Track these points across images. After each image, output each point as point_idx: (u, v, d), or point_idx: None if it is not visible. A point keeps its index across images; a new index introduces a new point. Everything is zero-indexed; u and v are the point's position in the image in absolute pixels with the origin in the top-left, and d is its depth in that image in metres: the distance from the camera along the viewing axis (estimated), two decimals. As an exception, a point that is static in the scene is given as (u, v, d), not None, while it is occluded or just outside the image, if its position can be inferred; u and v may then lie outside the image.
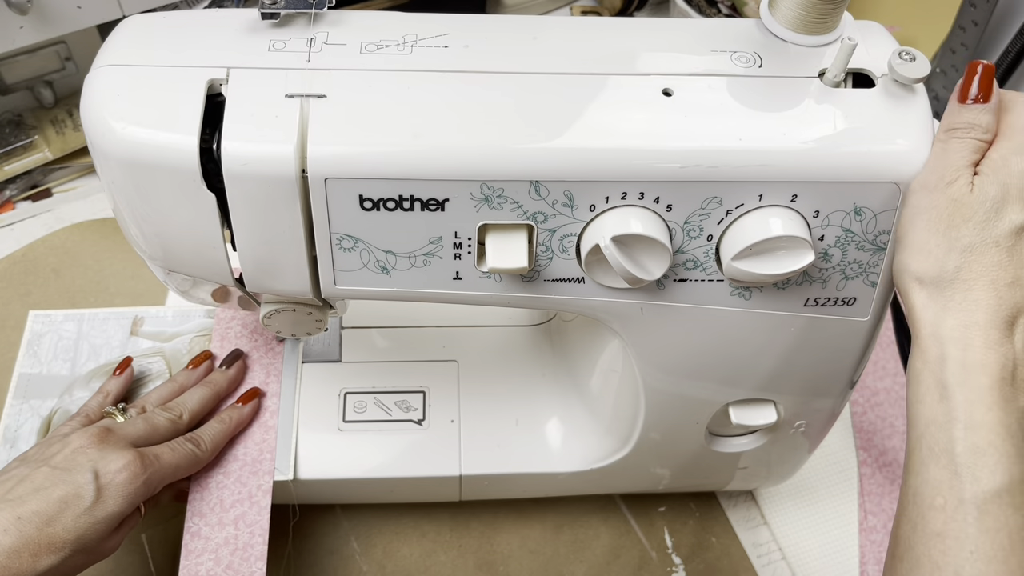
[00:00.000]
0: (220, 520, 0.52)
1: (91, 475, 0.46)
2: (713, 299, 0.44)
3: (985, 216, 0.36)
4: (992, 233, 0.36)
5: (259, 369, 0.59)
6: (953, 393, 0.35)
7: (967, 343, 0.36)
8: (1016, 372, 0.36)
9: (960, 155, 0.38)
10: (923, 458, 0.36)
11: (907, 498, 0.37)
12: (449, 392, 0.59)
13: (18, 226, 0.75)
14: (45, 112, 0.79)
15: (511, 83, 0.40)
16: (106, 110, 0.38)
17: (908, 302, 0.38)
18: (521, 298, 0.44)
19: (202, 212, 0.40)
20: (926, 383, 0.36)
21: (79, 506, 0.45)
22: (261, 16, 0.41)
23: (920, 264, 0.37)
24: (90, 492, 0.45)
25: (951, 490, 0.35)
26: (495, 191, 0.39)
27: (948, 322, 0.36)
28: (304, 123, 0.38)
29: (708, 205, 0.40)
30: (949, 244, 0.36)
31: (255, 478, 0.54)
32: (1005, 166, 0.37)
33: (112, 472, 0.46)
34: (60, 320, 0.68)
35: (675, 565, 0.62)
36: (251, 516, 0.53)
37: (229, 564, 0.51)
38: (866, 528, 0.63)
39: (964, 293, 0.36)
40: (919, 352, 0.37)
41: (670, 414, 0.52)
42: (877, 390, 0.70)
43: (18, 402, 0.64)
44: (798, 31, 0.42)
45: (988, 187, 0.36)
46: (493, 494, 0.61)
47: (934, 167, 0.38)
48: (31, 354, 0.66)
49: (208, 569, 0.51)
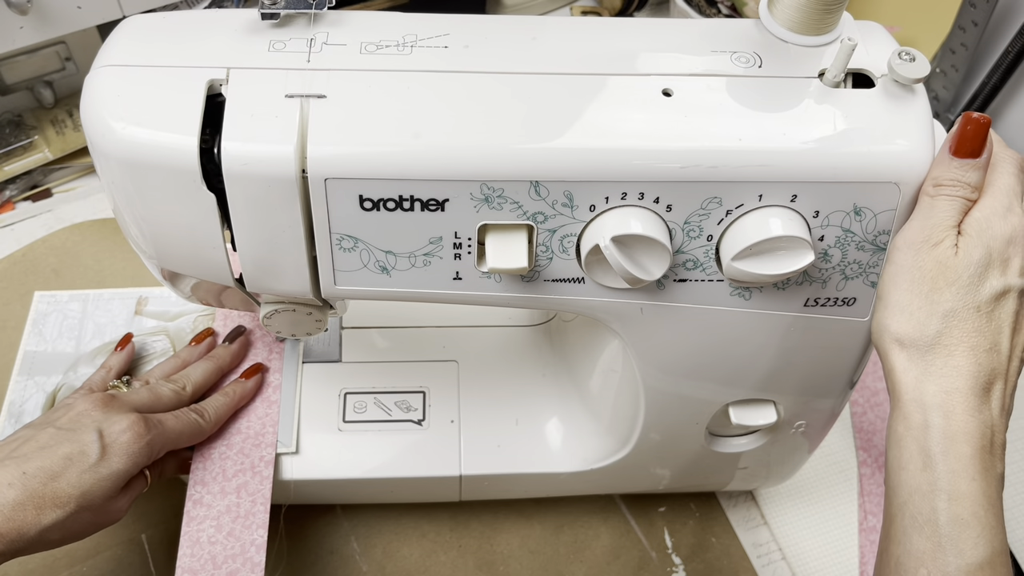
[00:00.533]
0: (223, 489, 0.53)
1: (96, 434, 0.47)
2: (713, 299, 0.44)
3: (969, 281, 0.36)
4: (974, 299, 0.36)
5: (262, 347, 0.60)
6: (936, 462, 0.35)
7: (949, 410, 0.36)
8: (994, 439, 0.36)
9: (947, 214, 0.37)
10: (905, 527, 0.36)
11: (888, 567, 0.37)
12: (449, 392, 0.59)
13: (18, 226, 0.75)
14: (45, 112, 0.79)
15: (511, 83, 0.40)
16: (106, 110, 0.38)
17: (888, 362, 0.38)
18: (521, 298, 0.44)
19: (202, 212, 0.40)
20: (909, 450, 0.36)
21: (84, 463, 0.46)
22: (261, 16, 0.41)
23: (901, 325, 0.37)
24: (95, 449, 0.46)
25: (934, 561, 0.35)
26: (495, 191, 0.39)
27: (930, 388, 0.36)
28: (304, 123, 0.38)
29: (708, 205, 0.40)
30: (931, 308, 0.36)
31: (258, 450, 0.55)
32: (988, 228, 0.37)
33: (116, 432, 0.47)
34: (65, 300, 0.69)
35: (675, 565, 0.62)
36: (253, 485, 0.53)
37: (231, 531, 0.52)
38: (866, 528, 0.63)
39: (945, 359, 0.36)
40: (901, 417, 0.37)
41: (670, 414, 0.52)
42: (877, 390, 0.70)
43: (23, 378, 0.65)
44: (798, 31, 0.42)
45: (973, 250, 0.36)
46: (493, 494, 0.61)
47: (921, 225, 0.38)
48: (36, 333, 0.67)
49: (209, 535, 0.52)
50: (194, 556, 0.51)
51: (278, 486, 0.57)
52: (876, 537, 0.63)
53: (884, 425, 0.68)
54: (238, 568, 0.50)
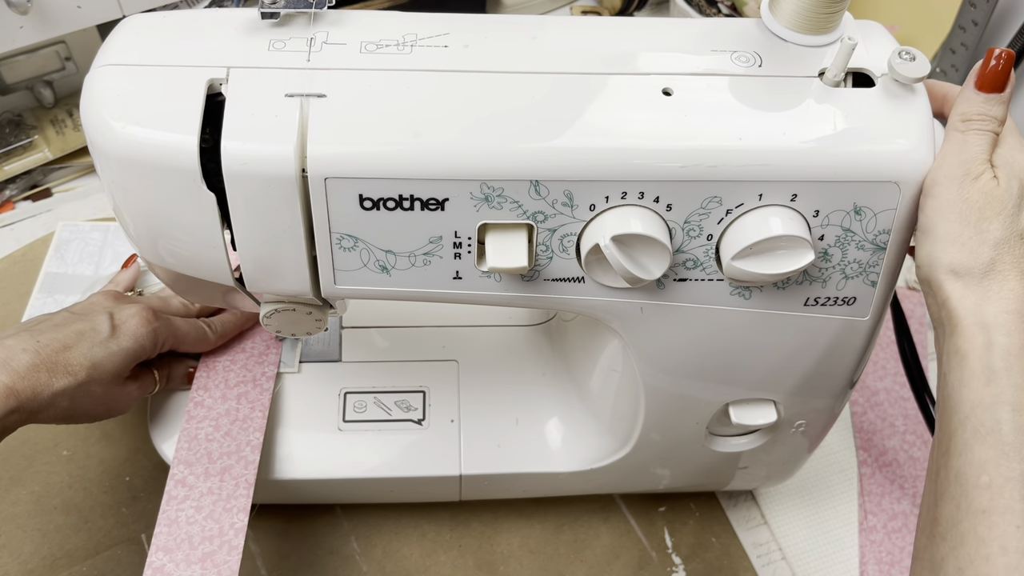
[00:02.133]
0: (224, 395, 0.55)
1: (107, 316, 0.51)
2: (713, 299, 0.44)
3: (1013, 210, 0.38)
4: (1018, 227, 0.38)
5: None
6: (1000, 377, 0.37)
7: (1010, 329, 0.37)
8: None
9: (980, 148, 0.39)
10: (967, 439, 0.37)
11: (948, 480, 0.38)
12: (449, 392, 0.59)
13: (18, 226, 0.75)
14: (45, 112, 0.79)
15: (511, 83, 0.40)
16: (106, 110, 0.38)
17: (942, 293, 0.39)
18: (521, 298, 0.44)
19: (202, 212, 0.40)
20: (971, 368, 0.37)
21: (95, 338, 0.49)
22: (261, 16, 0.41)
23: (955, 256, 0.38)
24: (105, 328, 0.50)
25: (997, 468, 0.36)
26: (495, 191, 0.39)
27: (990, 310, 0.37)
28: (304, 123, 0.38)
29: (708, 205, 0.40)
30: (982, 237, 0.38)
31: (260, 366, 0.58)
32: (1015, 163, 0.38)
33: (126, 316, 0.51)
34: (87, 230, 0.74)
35: (675, 565, 0.62)
36: (253, 395, 0.56)
37: (228, 431, 0.54)
38: (866, 528, 0.63)
39: (1001, 283, 0.38)
40: (963, 339, 0.38)
41: (670, 414, 0.52)
42: (877, 390, 0.70)
43: (43, 296, 0.70)
44: (798, 31, 0.42)
45: (1011, 182, 0.38)
46: (493, 494, 0.61)
47: (959, 160, 0.39)
48: (58, 256, 0.72)
49: (207, 433, 0.54)
50: (191, 450, 0.53)
51: (277, 486, 0.57)
52: (876, 537, 0.63)
53: (884, 425, 0.68)
54: (232, 464, 0.53)
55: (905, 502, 0.65)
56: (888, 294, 0.44)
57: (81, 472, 0.62)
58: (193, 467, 0.52)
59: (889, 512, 0.64)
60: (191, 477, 0.52)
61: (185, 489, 0.52)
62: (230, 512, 0.51)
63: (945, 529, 0.37)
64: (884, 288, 0.44)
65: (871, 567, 0.62)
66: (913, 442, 0.67)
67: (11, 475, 0.61)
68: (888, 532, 0.63)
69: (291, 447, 0.56)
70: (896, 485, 0.65)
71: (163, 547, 0.49)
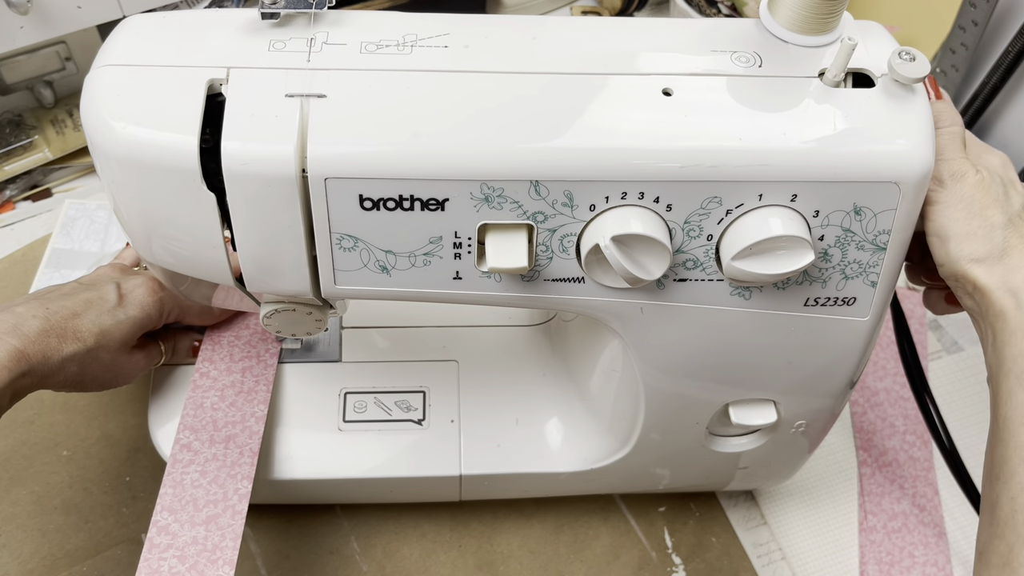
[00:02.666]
0: (229, 368, 0.56)
1: (114, 286, 0.52)
2: (713, 299, 0.44)
3: (1003, 197, 0.42)
4: (1011, 210, 0.42)
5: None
6: None
7: None
8: None
9: (955, 147, 0.42)
10: (1011, 387, 0.40)
11: (997, 425, 0.41)
12: (449, 392, 0.59)
13: (18, 226, 0.75)
14: (45, 112, 0.79)
15: (511, 83, 0.40)
16: (106, 110, 0.38)
17: (971, 281, 0.41)
18: (521, 298, 0.44)
19: (202, 212, 0.40)
20: (1010, 327, 0.40)
21: (103, 306, 0.50)
22: (261, 16, 0.41)
23: (976, 247, 0.41)
24: (113, 296, 0.51)
25: None
26: (495, 191, 0.39)
27: (1017, 278, 0.41)
28: (304, 123, 0.38)
29: (708, 205, 0.40)
30: (990, 224, 0.41)
31: (264, 344, 0.58)
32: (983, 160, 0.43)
33: (133, 286, 0.53)
34: (93, 208, 0.76)
35: (675, 565, 0.62)
36: (257, 369, 0.57)
37: (233, 402, 0.55)
38: (866, 528, 0.64)
39: (1018, 257, 0.41)
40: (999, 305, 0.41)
41: (670, 414, 0.52)
42: (877, 390, 0.70)
43: (50, 270, 0.71)
44: (798, 31, 0.42)
45: (992, 176, 0.42)
46: (493, 494, 0.61)
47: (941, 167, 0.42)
48: (65, 233, 0.74)
49: (212, 403, 0.55)
50: (196, 417, 0.54)
51: (278, 486, 0.57)
52: (876, 537, 0.63)
53: (884, 425, 0.68)
54: (237, 433, 0.53)
55: (905, 502, 0.65)
56: (888, 294, 0.44)
57: (81, 472, 0.62)
58: (199, 433, 0.53)
59: (889, 512, 0.64)
60: (196, 443, 0.53)
61: (190, 454, 0.52)
62: (234, 478, 0.51)
63: (999, 469, 0.40)
64: (884, 288, 0.44)
65: (871, 567, 0.62)
66: (913, 442, 0.67)
67: (11, 475, 0.61)
68: (888, 532, 0.63)
69: (291, 447, 0.56)
70: (896, 485, 0.65)
71: (168, 507, 0.50)
